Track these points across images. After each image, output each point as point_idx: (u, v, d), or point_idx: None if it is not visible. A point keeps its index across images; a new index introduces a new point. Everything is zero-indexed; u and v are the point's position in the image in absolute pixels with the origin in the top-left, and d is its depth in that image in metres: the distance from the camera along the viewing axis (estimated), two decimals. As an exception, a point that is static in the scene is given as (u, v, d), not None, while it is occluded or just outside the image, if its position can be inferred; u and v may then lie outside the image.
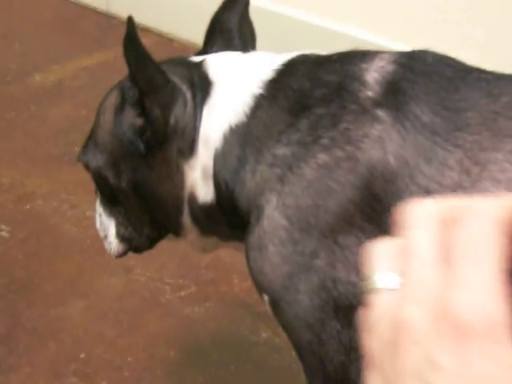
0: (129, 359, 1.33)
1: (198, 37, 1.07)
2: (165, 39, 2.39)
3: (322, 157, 0.78)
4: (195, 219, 0.91)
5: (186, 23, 2.22)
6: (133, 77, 0.85)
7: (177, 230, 0.94)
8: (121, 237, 0.99)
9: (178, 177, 0.88)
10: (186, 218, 0.92)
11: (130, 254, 1.53)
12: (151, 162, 0.88)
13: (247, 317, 1.34)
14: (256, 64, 0.89)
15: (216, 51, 0.97)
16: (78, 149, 1.04)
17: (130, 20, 0.81)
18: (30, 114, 1.97)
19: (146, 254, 1.54)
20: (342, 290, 0.78)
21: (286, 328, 0.83)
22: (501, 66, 1.74)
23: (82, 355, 1.34)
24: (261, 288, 0.83)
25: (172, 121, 0.86)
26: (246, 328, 0.83)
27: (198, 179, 0.88)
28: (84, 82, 2.08)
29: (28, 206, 1.66)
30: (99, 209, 0.99)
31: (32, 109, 1.99)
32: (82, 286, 1.47)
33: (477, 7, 1.76)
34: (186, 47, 2.13)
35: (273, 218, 0.79)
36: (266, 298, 0.83)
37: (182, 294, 1.43)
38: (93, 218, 1.09)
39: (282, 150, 0.80)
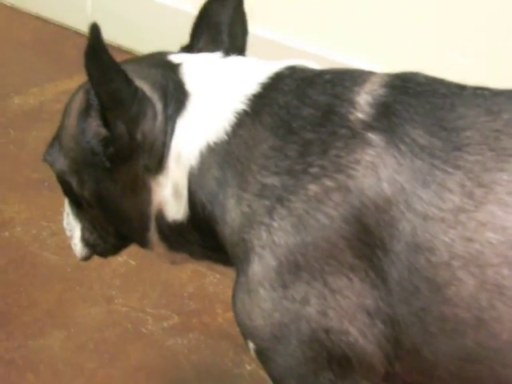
0: (109, 392, 1.30)
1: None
2: (146, 62, 2.37)
3: (312, 188, 0.73)
4: (163, 236, 0.87)
5: (167, 46, 2.21)
6: (95, 91, 0.79)
7: (143, 244, 0.89)
8: (85, 241, 0.94)
9: (144, 193, 0.83)
10: (153, 235, 0.87)
11: (112, 284, 1.52)
12: (115, 175, 0.83)
13: (231, 348, 1.31)
14: (240, 74, 0.83)
15: (202, 47, 0.91)
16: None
17: (93, 28, 0.75)
18: (9, 138, 1.94)
19: (128, 284, 1.52)
20: (334, 339, 0.73)
21: (274, 377, 0.79)
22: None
23: (62, 388, 1.31)
24: (247, 334, 0.79)
25: (139, 136, 0.81)
26: (229, 360, 0.80)
27: (168, 196, 0.82)
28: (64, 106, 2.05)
29: (6, 233, 1.62)
30: (67, 208, 0.94)
31: (11, 133, 1.95)
32: (61, 317, 1.44)
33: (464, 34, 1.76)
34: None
35: (263, 258, 0.74)
36: (251, 345, 0.79)
37: (165, 324, 1.40)
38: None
39: (270, 180, 0.75)
